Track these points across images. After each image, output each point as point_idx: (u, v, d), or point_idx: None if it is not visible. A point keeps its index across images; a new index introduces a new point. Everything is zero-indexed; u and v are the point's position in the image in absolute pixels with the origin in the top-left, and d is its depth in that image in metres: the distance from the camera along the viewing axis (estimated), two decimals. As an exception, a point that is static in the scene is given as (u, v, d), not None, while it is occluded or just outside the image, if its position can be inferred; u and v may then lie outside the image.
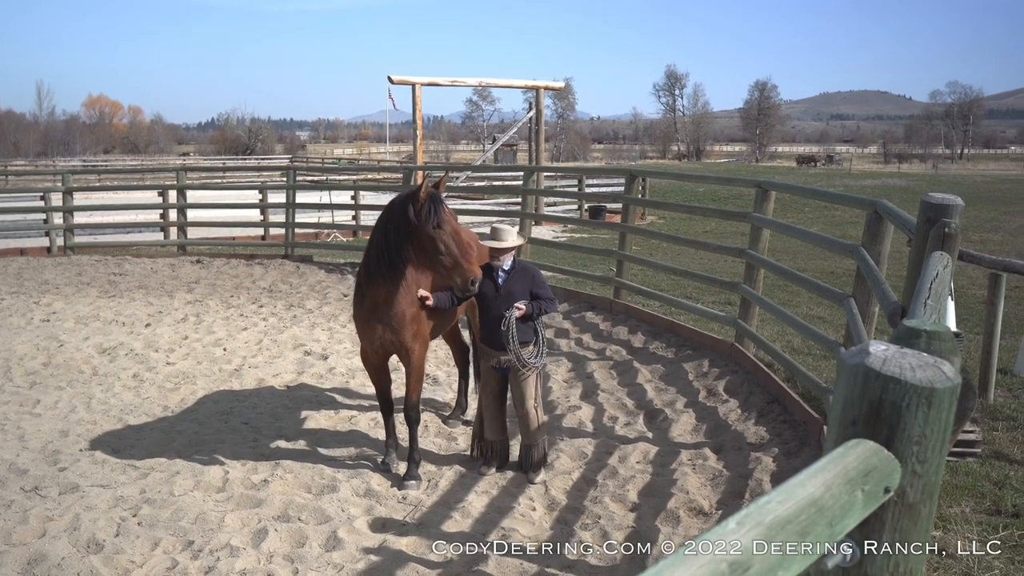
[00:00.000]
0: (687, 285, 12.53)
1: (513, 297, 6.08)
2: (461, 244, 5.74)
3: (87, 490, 5.89)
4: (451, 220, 5.77)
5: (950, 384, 1.53)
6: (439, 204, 5.75)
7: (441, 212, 5.72)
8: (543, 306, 6.14)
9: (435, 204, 5.74)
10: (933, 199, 4.37)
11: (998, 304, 7.43)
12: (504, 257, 6.19)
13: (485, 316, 6.24)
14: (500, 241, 6.14)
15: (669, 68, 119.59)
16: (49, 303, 12.14)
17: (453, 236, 5.71)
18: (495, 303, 6.13)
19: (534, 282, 6.18)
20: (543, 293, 6.18)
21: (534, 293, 6.15)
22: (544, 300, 6.16)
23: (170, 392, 8.19)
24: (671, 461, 6.37)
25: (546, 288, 6.26)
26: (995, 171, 70.49)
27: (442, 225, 5.70)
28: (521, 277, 6.19)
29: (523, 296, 6.10)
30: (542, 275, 6.36)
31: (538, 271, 6.37)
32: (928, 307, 2.84)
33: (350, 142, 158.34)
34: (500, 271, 6.19)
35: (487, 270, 6.21)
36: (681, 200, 27.56)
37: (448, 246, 5.71)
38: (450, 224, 5.73)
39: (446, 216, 5.74)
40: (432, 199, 5.76)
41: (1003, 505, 5.27)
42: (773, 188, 8.93)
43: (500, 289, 6.14)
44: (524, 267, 6.30)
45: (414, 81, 22.82)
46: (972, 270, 12.92)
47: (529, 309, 6.06)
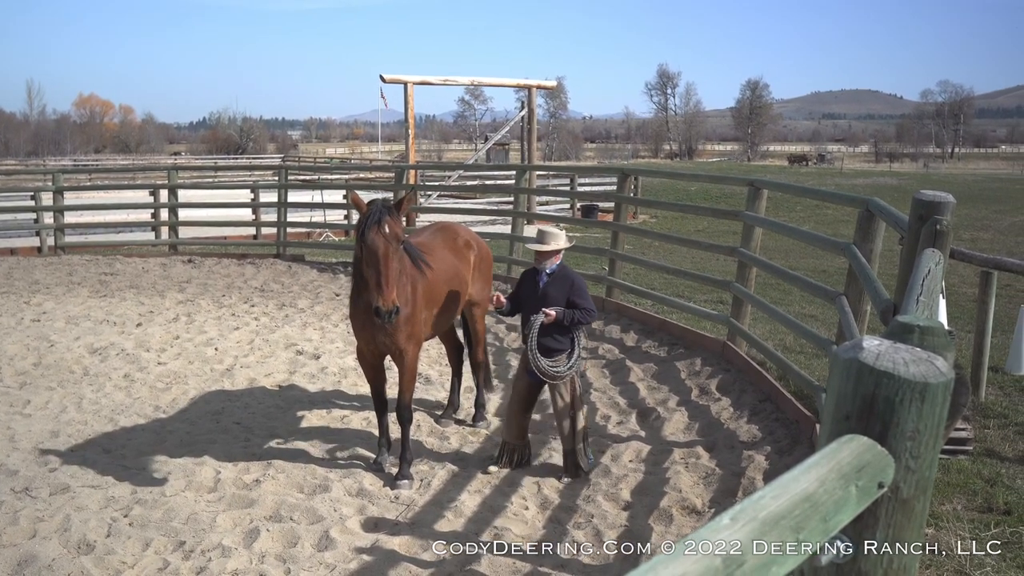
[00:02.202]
0: (679, 284, 12.53)
1: (548, 302, 5.98)
2: (386, 268, 5.56)
3: (78, 490, 5.86)
4: (382, 242, 5.58)
5: (944, 379, 1.53)
6: (376, 221, 5.62)
7: (371, 230, 5.59)
8: (577, 315, 5.98)
9: (370, 219, 5.63)
10: (925, 196, 4.38)
11: (989, 302, 7.45)
12: (548, 260, 6.09)
13: (524, 318, 6.18)
14: (543, 244, 6.04)
15: (661, 67, 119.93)
16: (39, 303, 12.08)
17: (380, 258, 5.55)
18: (531, 306, 6.05)
19: (573, 289, 6.05)
20: (582, 302, 6.02)
21: (571, 301, 6.02)
22: (581, 310, 6.00)
23: (161, 392, 8.16)
24: (664, 460, 6.37)
25: (586, 297, 6.10)
26: (986, 170, 70.77)
27: (366, 241, 5.58)
28: (560, 283, 6.07)
29: (559, 302, 5.99)
30: (584, 283, 6.21)
31: (580, 279, 6.22)
32: (921, 303, 2.84)
33: (342, 141, 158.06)
34: (543, 274, 6.11)
35: (532, 273, 6.16)
36: (673, 199, 27.55)
37: (368, 264, 5.62)
38: (381, 246, 5.56)
39: (375, 236, 5.58)
40: (374, 212, 5.65)
41: (995, 502, 5.28)
42: (765, 186, 8.94)
43: (538, 292, 6.05)
44: (566, 274, 6.17)
45: (406, 80, 22.77)
46: (963, 268, 12.96)
47: (560, 316, 5.93)
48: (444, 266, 6.56)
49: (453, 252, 6.86)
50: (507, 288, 12.20)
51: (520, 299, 6.21)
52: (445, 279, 6.54)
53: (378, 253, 5.56)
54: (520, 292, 6.25)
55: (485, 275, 7.31)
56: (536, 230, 6.23)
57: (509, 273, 12.92)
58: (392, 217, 5.66)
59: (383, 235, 5.59)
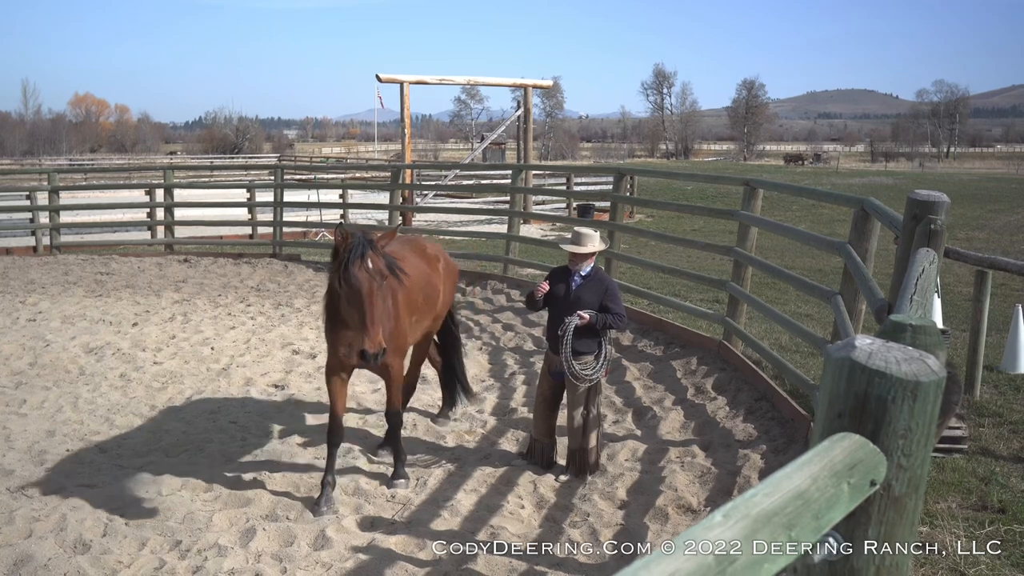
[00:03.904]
0: (675, 283, 12.55)
1: (580, 304, 5.96)
2: (371, 307, 5.16)
3: (74, 490, 5.85)
4: (366, 279, 5.17)
5: (935, 377, 1.54)
6: (359, 255, 5.19)
7: (354, 265, 5.16)
8: (609, 320, 5.97)
9: (352, 253, 5.20)
10: (919, 196, 4.39)
11: (984, 301, 7.48)
12: (582, 262, 6.07)
13: (552, 318, 6.14)
14: (579, 246, 6.01)
15: (657, 67, 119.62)
16: (35, 303, 12.06)
17: (365, 296, 5.14)
18: (562, 307, 6.01)
19: (607, 294, 6.04)
20: (614, 307, 6.01)
21: (604, 305, 6.00)
22: (613, 315, 5.99)
23: (157, 391, 8.15)
24: (660, 459, 6.38)
25: (619, 302, 6.09)
26: (981, 169, 70.88)
27: (349, 277, 5.15)
28: (595, 286, 6.05)
29: (592, 305, 5.97)
30: (617, 288, 6.20)
31: (614, 284, 6.20)
32: (914, 302, 2.86)
33: (338, 141, 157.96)
34: (576, 276, 6.08)
35: (563, 272, 6.14)
36: (669, 198, 27.58)
37: (351, 304, 5.22)
38: (366, 283, 5.16)
39: (359, 272, 5.16)
40: (356, 246, 5.21)
41: (989, 501, 5.30)
42: (761, 186, 8.95)
43: (570, 294, 6.02)
44: (600, 277, 6.15)
45: (402, 79, 22.76)
46: (958, 267, 12.99)
47: (593, 319, 5.92)
48: (418, 273, 6.31)
49: (424, 261, 6.69)
50: (503, 287, 12.21)
51: (549, 299, 6.15)
52: (420, 286, 6.34)
53: (362, 291, 5.15)
54: (551, 290, 6.16)
55: (451, 288, 7.18)
56: (572, 231, 6.15)
57: (505, 272, 12.92)
58: (375, 251, 5.27)
59: (366, 271, 5.19)
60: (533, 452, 6.36)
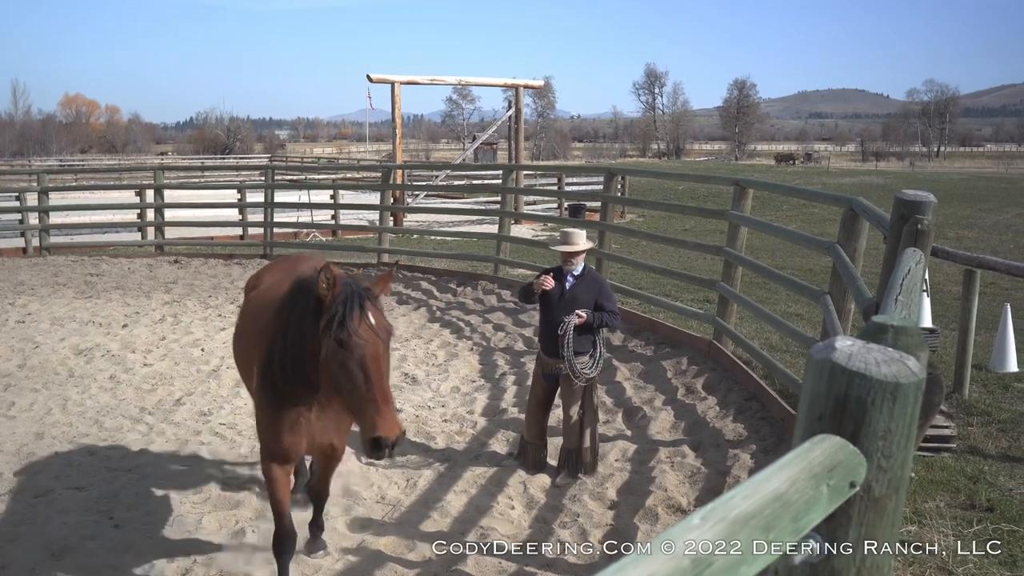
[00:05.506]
0: (666, 283, 12.56)
1: (576, 304, 5.97)
2: (380, 378, 3.81)
3: (61, 492, 5.83)
4: (373, 341, 3.84)
5: (915, 379, 1.54)
6: (359, 308, 3.87)
7: (353, 321, 3.81)
8: (605, 318, 6.01)
9: (349, 306, 3.85)
10: (906, 196, 4.41)
11: (972, 300, 7.50)
12: (575, 261, 6.09)
13: (545, 320, 6.14)
14: (571, 245, 6.04)
15: (649, 67, 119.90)
16: (24, 304, 12.01)
17: (370, 362, 3.79)
18: (558, 308, 6.01)
19: (601, 292, 6.08)
20: (609, 305, 6.06)
21: (599, 304, 6.03)
22: (608, 313, 6.03)
23: (147, 393, 8.13)
24: (650, 459, 6.39)
25: (613, 300, 6.15)
26: (971, 169, 71.20)
27: (350, 338, 3.79)
28: (589, 285, 6.08)
29: (587, 304, 5.99)
30: (610, 286, 6.24)
31: (607, 282, 6.24)
32: (899, 303, 2.86)
33: (329, 141, 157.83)
34: (569, 276, 6.10)
35: (556, 274, 6.13)
36: (660, 198, 27.59)
37: (354, 376, 3.78)
38: (371, 346, 3.82)
39: (367, 332, 3.84)
40: (353, 297, 3.88)
41: (977, 499, 5.31)
42: (751, 186, 8.97)
43: (565, 294, 6.04)
44: (594, 276, 6.21)
45: (393, 80, 22.74)
46: (948, 267, 13.03)
47: (590, 318, 5.95)
48: None
49: None
50: (494, 287, 12.21)
51: (541, 299, 6.16)
52: None
53: (367, 356, 3.80)
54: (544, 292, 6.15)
55: None
56: (560, 232, 6.20)
57: (496, 273, 12.92)
58: (374, 303, 3.97)
59: (372, 329, 3.87)
60: (525, 454, 6.34)
